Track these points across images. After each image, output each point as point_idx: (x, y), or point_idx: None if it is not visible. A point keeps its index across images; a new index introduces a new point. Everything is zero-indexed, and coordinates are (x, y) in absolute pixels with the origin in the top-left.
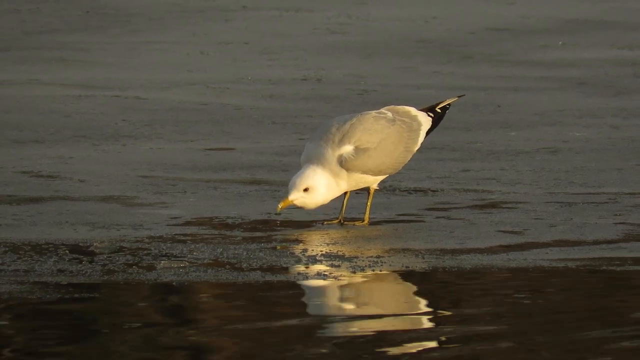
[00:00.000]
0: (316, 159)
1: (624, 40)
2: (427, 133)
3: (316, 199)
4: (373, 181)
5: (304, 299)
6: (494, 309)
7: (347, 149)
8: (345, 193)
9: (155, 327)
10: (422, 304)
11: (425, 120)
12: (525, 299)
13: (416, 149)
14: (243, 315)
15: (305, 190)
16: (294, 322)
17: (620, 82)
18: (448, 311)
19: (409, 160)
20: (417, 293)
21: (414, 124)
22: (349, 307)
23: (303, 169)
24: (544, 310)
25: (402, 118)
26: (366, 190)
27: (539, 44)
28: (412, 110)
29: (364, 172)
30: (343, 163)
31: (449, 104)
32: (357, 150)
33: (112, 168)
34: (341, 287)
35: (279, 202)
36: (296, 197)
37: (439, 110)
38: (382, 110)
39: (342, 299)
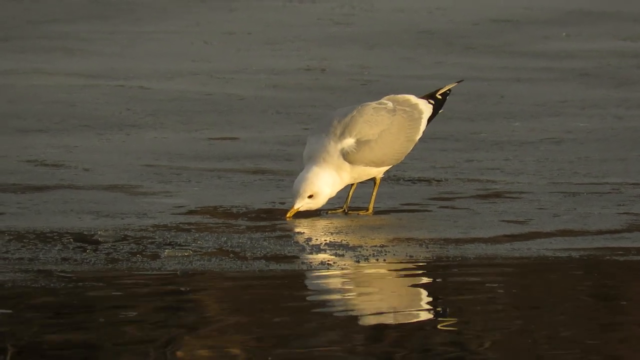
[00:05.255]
0: (319, 154)
1: (626, 31)
2: (429, 120)
3: (322, 200)
4: (377, 172)
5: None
6: None
7: (349, 142)
8: (352, 184)
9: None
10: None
11: (426, 108)
12: None
13: (418, 137)
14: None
15: (310, 197)
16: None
17: (622, 73)
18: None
19: (412, 149)
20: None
21: (415, 112)
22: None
23: (305, 171)
24: None
25: (403, 107)
26: (372, 180)
27: (542, 35)
28: (412, 99)
29: (367, 164)
30: (345, 156)
31: (449, 90)
32: (359, 142)
33: (117, 157)
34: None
35: (288, 209)
36: (302, 204)
37: (439, 97)
38: (383, 100)
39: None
